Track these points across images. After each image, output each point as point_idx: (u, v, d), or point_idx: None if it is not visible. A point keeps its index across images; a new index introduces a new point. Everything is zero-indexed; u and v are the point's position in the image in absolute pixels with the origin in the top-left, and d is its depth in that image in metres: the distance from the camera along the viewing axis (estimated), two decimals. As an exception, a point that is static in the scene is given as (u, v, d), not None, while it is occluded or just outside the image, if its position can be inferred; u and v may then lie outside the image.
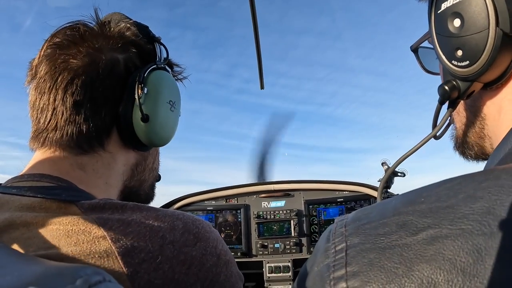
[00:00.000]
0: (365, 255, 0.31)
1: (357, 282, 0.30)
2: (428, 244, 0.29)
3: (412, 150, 0.61)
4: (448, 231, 0.29)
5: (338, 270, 0.32)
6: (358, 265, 0.31)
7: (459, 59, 0.46)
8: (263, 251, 1.98)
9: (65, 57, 0.56)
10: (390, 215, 0.34)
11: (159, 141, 0.66)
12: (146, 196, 0.75)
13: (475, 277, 0.26)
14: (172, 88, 0.68)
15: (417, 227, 0.31)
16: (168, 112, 0.66)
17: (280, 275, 1.92)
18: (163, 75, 0.65)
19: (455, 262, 0.27)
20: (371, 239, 0.32)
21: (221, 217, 2.06)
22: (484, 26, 0.42)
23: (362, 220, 0.35)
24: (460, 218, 0.29)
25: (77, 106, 0.55)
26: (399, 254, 0.30)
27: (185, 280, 0.45)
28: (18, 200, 0.48)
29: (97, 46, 0.57)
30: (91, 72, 0.56)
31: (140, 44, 0.63)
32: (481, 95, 0.50)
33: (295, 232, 1.98)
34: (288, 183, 2.11)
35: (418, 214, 0.32)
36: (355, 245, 0.33)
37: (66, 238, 0.43)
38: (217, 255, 0.50)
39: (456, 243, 0.28)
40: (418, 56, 0.67)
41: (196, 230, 0.50)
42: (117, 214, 0.47)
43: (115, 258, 0.42)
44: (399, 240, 0.31)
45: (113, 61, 0.58)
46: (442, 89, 0.51)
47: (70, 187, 0.53)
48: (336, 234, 0.36)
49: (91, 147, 0.57)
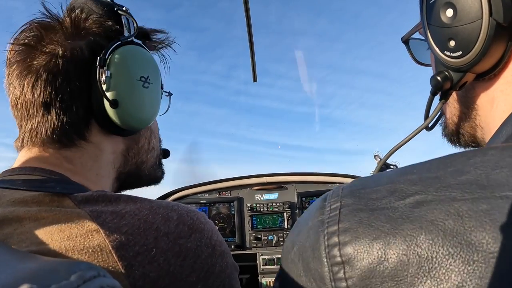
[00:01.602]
0: (356, 214, 0.34)
1: (348, 237, 0.33)
2: (413, 207, 0.32)
3: (404, 141, 0.62)
4: (432, 197, 0.31)
5: (332, 226, 0.35)
6: (349, 222, 0.34)
7: (451, 49, 0.46)
8: (257, 244, 1.99)
9: (28, 60, 0.54)
10: (383, 183, 0.36)
11: (138, 124, 0.62)
12: (148, 178, 0.72)
13: (454, 238, 0.28)
14: (141, 62, 0.62)
15: (406, 193, 0.33)
16: (141, 89, 0.61)
17: (274, 267, 1.93)
18: (127, 52, 0.60)
19: (436, 223, 0.30)
20: (363, 202, 0.35)
21: (215, 210, 2.06)
22: (477, 16, 0.42)
23: (358, 186, 0.38)
24: (445, 187, 0.32)
25: (46, 106, 0.54)
26: (387, 215, 0.33)
27: (180, 272, 0.45)
28: (11, 195, 0.47)
29: (54, 40, 0.55)
30: (51, 70, 0.54)
31: (101, 22, 0.59)
32: (474, 86, 0.50)
33: (289, 224, 1.99)
34: (281, 175, 2.12)
35: (408, 183, 0.34)
36: (348, 205, 0.36)
37: (59, 232, 0.42)
38: (212, 246, 0.50)
39: (438, 207, 0.30)
40: (409, 47, 0.67)
41: (191, 222, 0.50)
42: (111, 207, 0.47)
43: (109, 252, 0.42)
44: (389, 204, 0.33)
45: (73, 51, 0.55)
46: (435, 80, 0.51)
47: (63, 179, 0.52)
48: (332, 195, 0.39)
49: (71, 141, 0.56)
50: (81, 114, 0.56)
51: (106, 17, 0.60)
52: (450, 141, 0.59)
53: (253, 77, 1.83)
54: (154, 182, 0.76)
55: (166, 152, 0.79)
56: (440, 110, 0.55)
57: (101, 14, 0.59)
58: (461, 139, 0.56)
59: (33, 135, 0.55)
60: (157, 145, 0.74)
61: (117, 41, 0.59)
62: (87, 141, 0.58)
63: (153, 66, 0.65)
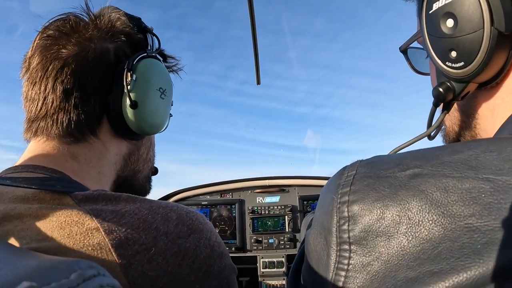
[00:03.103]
0: (365, 180, 0.40)
1: (356, 197, 0.39)
2: (410, 178, 0.37)
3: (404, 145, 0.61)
4: (427, 171, 0.36)
5: (345, 187, 0.41)
6: (359, 185, 0.40)
7: (453, 60, 0.45)
8: (257, 246, 1.99)
9: (56, 47, 0.57)
10: (395, 157, 0.42)
11: (149, 129, 0.65)
12: (140, 187, 0.75)
13: (438, 207, 0.33)
14: (162, 75, 0.68)
15: (408, 166, 0.38)
16: (158, 99, 0.66)
17: (274, 270, 1.93)
18: (152, 63, 0.65)
19: (426, 193, 0.35)
20: (374, 171, 0.41)
21: (216, 212, 2.06)
22: (478, 26, 0.41)
23: (374, 159, 0.43)
24: (440, 164, 0.36)
25: (67, 94, 0.56)
26: (389, 182, 0.38)
27: (178, 272, 0.45)
28: (12, 192, 0.48)
29: (87, 36, 0.58)
30: (80, 61, 0.57)
31: (130, 33, 0.64)
32: (475, 95, 0.49)
33: (289, 227, 1.99)
34: (282, 178, 2.12)
35: (412, 158, 0.39)
36: (361, 173, 0.42)
37: (59, 230, 0.43)
38: (211, 247, 0.50)
39: (430, 180, 0.35)
40: (407, 57, 0.66)
41: (190, 222, 0.50)
42: (111, 206, 0.47)
43: (108, 251, 0.42)
44: (392, 173, 0.39)
45: (102, 50, 0.59)
46: (437, 91, 0.50)
47: (64, 178, 0.53)
48: (352, 165, 0.44)
49: (82, 135, 0.58)
50: (97, 109, 0.59)
51: (134, 30, 0.65)
52: None
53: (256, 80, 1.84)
54: (144, 194, 0.78)
55: (155, 170, 0.82)
56: (442, 120, 0.54)
57: (131, 27, 0.64)
58: None
59: (49, 124, 0.57)
60: (153, 158, 0.78)
61: (143, 52, 0.64)
62: (96, 137, 0.60)
63: (170, 82, 0.71)
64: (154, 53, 0.67)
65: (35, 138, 0.58)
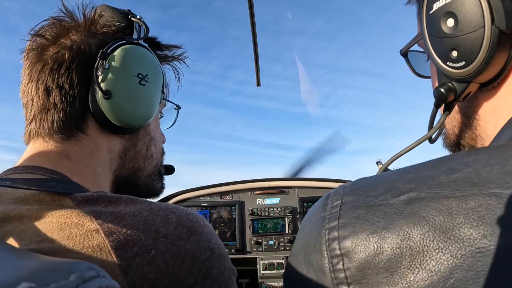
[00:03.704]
0: (355, 211, 0.36)
1: (346, 232, 0.36)
2: (407, 204, 0.34)
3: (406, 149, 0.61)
4: (425, 194, 0.33)
5: (332, 222, 0.37)
6: (348, 218, 0.36)
7: (454, 60, 0.45)
8: (257, 248, 1.98)
9: (38, 50, 0.59)
10: (382, 181, 0.38)
11: (131, 119, 0.62)
12: (146, 187, 0.72)
13: (443, 233, 0.30)
14: (142, 61, 0.63)
15: (400, 190, 0.35)
16: (136, 86, 0.62)
17: (273, 272, 1.92)
18: (129, 49, 0.62)
19: (428, 219, 0.31)
20: (362, 199, 0.37)
21: (216, 213, 2.06)
22: (479, 25, 0.41)
23: (359, 184, 0.40)
24: (438, 185, 0.33)
25: (47, 93, 0.58)
26: (382, 211, 0.35)
27: (178, 274, 0.45)
28: (12, 193, 0.48)
29: (67, 35, 0.60)
30: (58, 59, 0.58)
31: (114, 26, 0.63)
32: (476, 96, 0.49)
33: (289, 229, 1.99)
34: (282, 180, 2.11)
35: (403, 181, 0.36)
36: (348, 202, 0.38)
37: (59, 231, 0.43)
38: (211, 249, 0.50)
39: (430, 204, 0.32)
40: (408, 60, 0.66)
41: (190, 224, 0.50)
42: (111, 207, 0.47)
43: (108, 252, 0.42)
44: (385, 200, 0.35)
45: (83, 46, 0.59)
46: (438, 92, 0.50)
47: (64, 179, 0.53)
48: (335, 194, 0.41)
49: (70, 132, 0.58)
50: (77, 105, 0.59)
51: (119, 21, 0.64)
52: (451, 152, 0.59)
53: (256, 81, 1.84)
54: (152, 193, 0.75)
55: (170, 168, 0.79)
56: (443, 122, 0.54)
57: (115, 19, 0.64)
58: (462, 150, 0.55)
59: (38, 125, 0.58)
60: (158, 154, 0.74)
61: (122, 39, 0.62)
62: (84, 134, 0.60)
63: (154, 67, 0.66)
64: (138, 39, 0.64)
65: (31, 139, 0.60)
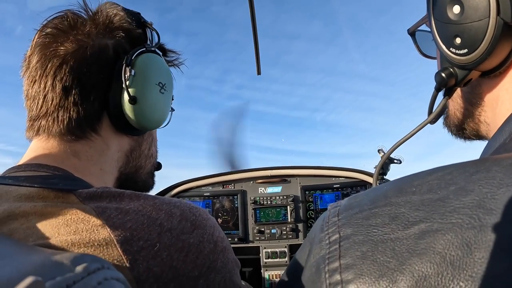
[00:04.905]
0: (358, 248, 0.32)
1: (351, 275, 0.31)
2: (419, 238, 0.29)
3: (408, 136, 0.62)
4: (438, 225, 0.29)
5: (332, 263, 0.33)
6: (352, 258, 0.32)
7: (457, 46, 0.46)
8: (260, 237, 2.00)
9: (54, 45, 0.57)
10: (381, 204, 0.34)
11: (149, 124, 0.66)
12: (143, 183, 0.76)
13: (464, 270, 0.26)
14: (161, 70, 0.68)
15: (408, 220, 0.31)
16: (158, 94, 0.66)
17: (276, 260, 1.94)
18: (151, 58, 0.65)
19: (445, 256, 0.27)
20: (363, 231, 0.33)
21: (218, 203, 2.07)
22: (484, 15, 0.41)
23: (354, 208, 0.36)
24: (451, 212, 0.29)
25: (66, 91, 0.57)
26: (391, 249, 0.30)
27: (183, 267, 0.46)
28: (16, 191, 0.48)
29: (85, 32, 0.59)
30: (79, 58, 0.57)
31: (129, 29, 0.64)
32: (479, 83, 0.49)
33: (292, 217, 2.00)
34: (284, 168, 2.12)
35: (409, 207, 0.32)
36: (348, 237, 0.33)
37: (65, 227, 0.43)
38: (214, 242, 0.51)
39: (446, 237, 0.28)
40: (415, 39, 0.66)
41: (193, 218, 0.50)
42: (115, 203, 0.47)
43: (114, 246, 0.42)
44: (391, 233, 0.31)
45: (101, 47, 0.59)
46: (439, 76, 0.50)
47: (67, 176, 0.53)
48: (329, 224, 0.36)
49: (83, 133, 0.59)
50: (96, 106, 0.59)
51: (132, 24, 0.65)
52: (453, 135, 0.59)
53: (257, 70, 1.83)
54: (148, 189, 0.79)
55: (159, 165, 0.82)
56: (443, 106, 0.55)
57: (129, 22, 0.64)
58: (465, 133, 0.56)
59: (50, 123, 0.57)
60: (155, 154, 0.79)
61: (142, 47, 0.64)
62: (97, 134, 0.60)
63: (170, 76, 0.71)
64: (153, 47, 0.67)
65: (37, 136, 0.59)
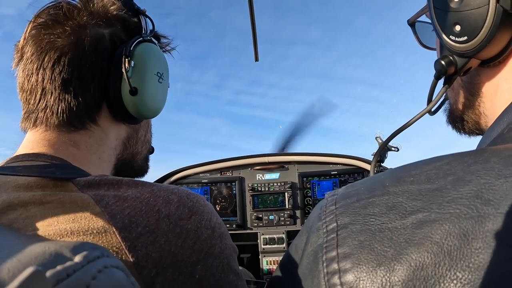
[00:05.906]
0: (356, 237, 0.32)
1: (348, 264, 0.31)
2: (416, 228, 0.29)
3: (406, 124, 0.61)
4: (436, 215, 0.29)
5: (330, 252, 0.33)
6: (349, 247, 0.32)
7: (457, 34, 0.45)
8: (258, 223, 2.02)
9: (50, 36, 0.56)
10: (379, 193, 0.34)
11: (148, 113, 0.67)
12: (139, 168, 0.77)
13: (461, 260, 0.26)
14: (159, 60, 0.69)
15: (406, 210, 0.31)
16: (156, 83, 0.67)
17: (274, 247, 1.96)
18: (149, 48, 0.66)
19: (442, 246, 0.27)
20: (360, 220, 0.33)
21: (216, 189, 2.08)
22: (484, 2, 0.41)
23: (352, 197, 0.36)
24: (449, 202, 0.29)
25: (66, 84, 0.56)
26: (389, 238, 0.30)
27: (181, 253, 0.46)
28: (15, 180, 0.48)
29: (81, 23, 0.58)
30: (77, 50, 0.56)
31: (124, 18, 0.64)
32: (479, 72, 0.49)
33: (289, 204, 2.01)
34: (282, 155, 2.12)
35: (407, 196, 0.32)
36: (345, 226, 0.33)
37: (64, 215, 0.43)
38: (212, 228, 0.51)
39: (443, 227, 0.28)
40: (415, 30, 0.66)
41: (191, 204, 0.51)
42: (113, 190, 0.48)
43: (112, 233, 0.43)
44: (389, 223, 0.31)
45: (98, 37, 0.59)
46: (439, 64, 0.50)
47: (65, 164, 0.53)
48: (327, 212, 0.36)
49: (82, 124, 0.59)
50: (96, 97, 0.60)
51: (129, 14, 0.64)
52: (454, 128, 0.59)
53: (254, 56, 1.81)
54: (143, 173, 0.80)
55: (152, 149, 0.83)
56: (443, 95, 0.55)
57: (125, 10, 0.64)
58: (465, 126, 0.56)
59: (49, 115, 0.57)
60: (150, 139, 0.80)
61: (139, 37, 0.64)
62: (95, 124, 0.61)
63: (166, 65, 0.72)
64: (149, 36, 0.67)
65: (34, 128, 0.58)
